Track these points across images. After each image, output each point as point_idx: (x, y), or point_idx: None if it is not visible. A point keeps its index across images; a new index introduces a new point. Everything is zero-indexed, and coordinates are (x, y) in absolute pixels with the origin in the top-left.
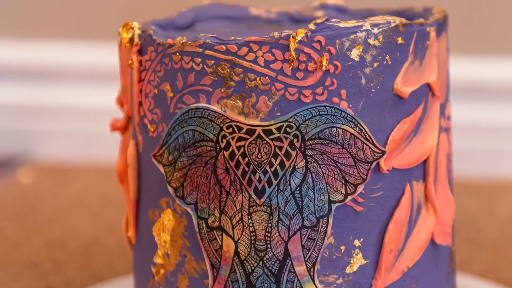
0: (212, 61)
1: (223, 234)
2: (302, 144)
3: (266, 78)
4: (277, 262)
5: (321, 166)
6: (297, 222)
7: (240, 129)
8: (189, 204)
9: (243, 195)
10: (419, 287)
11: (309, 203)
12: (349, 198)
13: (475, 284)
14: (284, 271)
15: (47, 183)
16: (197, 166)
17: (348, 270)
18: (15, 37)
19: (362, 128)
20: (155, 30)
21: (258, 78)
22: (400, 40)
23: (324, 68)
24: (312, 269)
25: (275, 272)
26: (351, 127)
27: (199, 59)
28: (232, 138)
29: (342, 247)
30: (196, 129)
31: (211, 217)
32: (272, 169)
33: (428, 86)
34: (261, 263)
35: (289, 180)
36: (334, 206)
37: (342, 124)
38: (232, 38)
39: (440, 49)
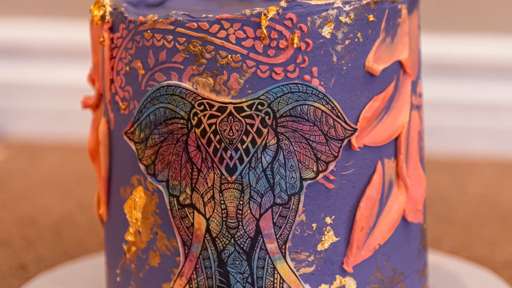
0: (184, 39)
1: (195, 211)
2: (274, 121)
3: (238, 55)
4: (249, 239)
5: (293, 143)
6: (269, 199)
7: (211, 106)
8: (160, 182)
9: (214, 173)
10: (391, 265)
11: (280, 180)
12: (321, 175)
13: (446, 262)
14: (255, 248)
15: (18, 160)
16: (169, 144)
17: (319, 247)
18: None
19: (333, 106)
20: (127, 7)
21: (229, 56)
22: (371, 18)
23: (295, 46)
24: (283, 247)
25: (247, 250)
26: (323, 105)
27: (171, 37)
28: (204, 116)
29: (314, 225)
30: (167, 107)
31: (182, 194)
32: (244, 146)
33: (399, 64)
34: (232, 241)
35: (261, 157)
36: (305, 183)
37: (314, 101)
38: (204, 15)
39: (411, 26)
